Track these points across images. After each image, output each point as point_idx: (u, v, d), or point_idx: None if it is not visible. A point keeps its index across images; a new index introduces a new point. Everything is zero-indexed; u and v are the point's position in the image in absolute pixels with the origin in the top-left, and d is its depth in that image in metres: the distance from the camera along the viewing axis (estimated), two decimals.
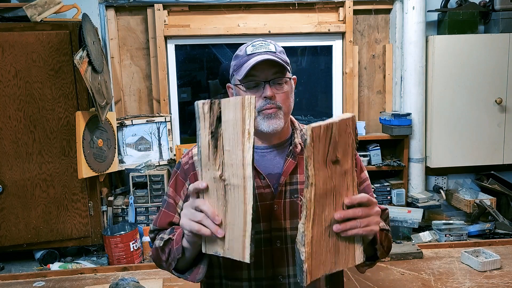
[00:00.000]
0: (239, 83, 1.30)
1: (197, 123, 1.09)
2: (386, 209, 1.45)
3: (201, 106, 1.08)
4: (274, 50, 1.30)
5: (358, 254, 1.19)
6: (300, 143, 1.36)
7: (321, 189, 1.06)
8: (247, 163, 1.05)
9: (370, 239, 1.21)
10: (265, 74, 1.28)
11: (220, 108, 1.07)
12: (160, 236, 1.35)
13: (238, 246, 1.08)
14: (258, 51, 1.29)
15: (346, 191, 1.12)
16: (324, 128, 1.02)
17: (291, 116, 1.42)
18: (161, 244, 1.30)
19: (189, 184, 1.36)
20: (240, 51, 1.34)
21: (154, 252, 1.35)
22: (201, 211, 1.10)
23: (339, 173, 1.10)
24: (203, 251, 1.15)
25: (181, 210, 1.36)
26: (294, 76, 1.40)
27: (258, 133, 1.32)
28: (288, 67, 1.32)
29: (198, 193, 1.12)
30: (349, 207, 1.10)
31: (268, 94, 1.27)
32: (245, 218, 1.06)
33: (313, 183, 1.04)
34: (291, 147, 1.35)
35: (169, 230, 1.34)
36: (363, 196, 1.11)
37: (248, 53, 1.30)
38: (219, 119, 1.07)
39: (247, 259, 1.07)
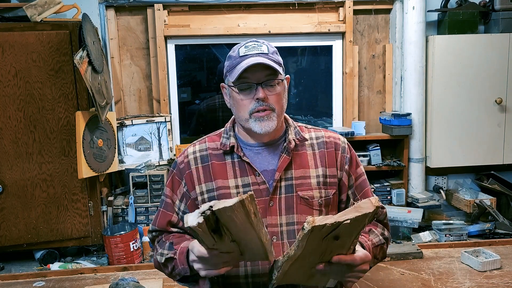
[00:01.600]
0: (233, 84, 1.32)
1: (196, 236, 1.08)
2: (384, 208, 1.47)
3: (196, 225, 1.01)
4: (267, 52, 1.31)
5: (331, 283, 1.25)
6: (294, 139, 1.38)
7: (308, 253, 1.09)
8: (260, 230, 1.08)
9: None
10: (257, 76, 1.29)
11: (215, 215, 1.02)
12: (160, 250, 1.38)
13: (259, 254, 1.16)
14: (250, 52, 1.30)
15: (340, 250, 1.13)
16: (329, 226, 1.02)
17: (285, 114, 1.44)
18: (162, 261, 1.34)
19: (185, 183, 1.38)
20: (233, 52, 1.35)
21: (156, 263, 1.40)
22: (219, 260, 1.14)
23: (335, 244, 1.10)
24: None
25: (178, 209, 1.41)
26: (287, 76, 1.41)
27: (251, 132, 1.34)
28: (281, 68, 1.33)
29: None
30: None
31: (260, 96, 1.29)
32: (259, 237, 1.10)
33: (297, 250, 1.07)
34: (285, 144, 1.37)
35: (167, 245, 1.37)
36: (354, 260, 1.15)
37: (241, 54, 1.31)
38: (217, 220, 1.04)
39: (271, 260, 1.17)
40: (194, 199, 1.38)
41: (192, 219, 1.01)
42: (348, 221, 1.02)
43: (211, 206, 1.00)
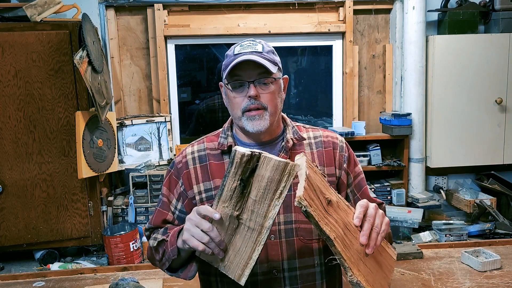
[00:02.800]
0: (227, 82, 1.33)
1: (229, 166, 1.12)
2: (382, 203, 1.48)
3: (240, 156, 1.09)
4: (261, 50, 1.32)
5: (392, 252, 1.27)
6: (292, 139, 1.38)
7: (339, 235, 1.11)
8: (270, 217, 1.12)
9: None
10: (249, 74, 1.29)
11: (257, 162, 1.10)
12: (154, 235, 1.38)
13: (236, 269, 1.15)
14: (244, 51, 1.31)
15: (349, 214, 1.18)
16: (307, 187, 1.08)
17: (283, 114, 1.44)
18: (154, 244, 1.34)
19: (182, 183, 1.38)
20: (230, 51, 1.36)
21: (149, 251, 1.40)
22: (207, 234, 1.14)
23: (336, 209, 1.15)
24: (197, 255, 1.20)
25: (175, 208, 1.41)
26: (285, 76, 1.41)
27: (245, 131, 1.36)
28: (275, 67, 1.33)
29: (207, 217, 1.16)
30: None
31: (251, 94, 1.29)
32: (251, 254, 1.13)
33: (335, 237, 1.09)
34: (283, 143, 1.37)
35: (162, 230, 1.38)
36: (361, 209, 1.16)
37: (235, 53, 1.32)
38: (253, 170, 1.11)
39: (241, 282, 1.15)
40: (191, 198, 1.39)
41: (243, 149, 1.09)
42: (306, 170, 1.10)
43: (260, 152, 1.09)
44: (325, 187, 1.18)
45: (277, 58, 1.37)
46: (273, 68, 1.30)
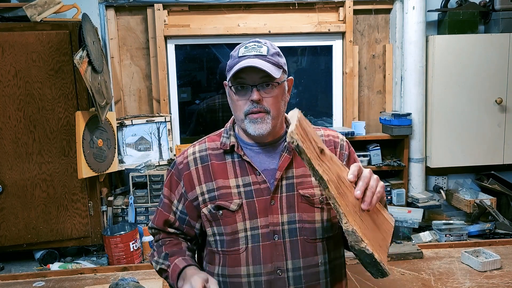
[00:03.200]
0: (231, 84, 1.33)
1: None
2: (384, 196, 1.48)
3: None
4: (265, 53, 1.31)
5: (389, 217, 1.26)
6: None
7: (333, 180, 1.09)
8: None
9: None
10: (252, 78, 1.29)
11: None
12: (155, 258, 1.44)
13: None
14: (249, 53, 1.31)
15: (342, 171, 1.18)
16: (298, 126, 1.08)
17: (285, 115, 1.44)
18: (157, 269, 1.43)
19: (183, 185, 1.39)
20: (235, 51, 1.36)
21: (152, 264, 1.46)
22: None
23: (329, 160, 1.15)
24: None
25: (176, 209, 1.43)
26: (291, 78, 1.41)
27: (247, 133, 1.36)
28: (280, 71, 1.32)
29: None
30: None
31: (254, 98, 1.29)
32: None
33: (328, 179, 1.07)
34: (285, 143, 1.37)
35: (163, 255, 1.42)
36: (355, 167, 1.17)
37: (240, 55, 1.32)
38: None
39: None
40: (192, 200, 1.39)
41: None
42: (297, 115, 1.13)
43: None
44: (318, 140, 1.18)
45: (283, 60, 1.36)
46: (276, 72, 1.29)
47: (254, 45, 1.33)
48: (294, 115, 1.12)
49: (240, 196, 1.33)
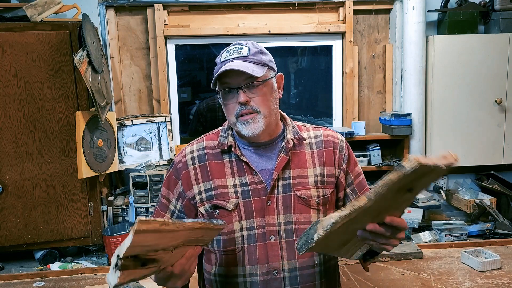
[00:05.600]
0: (217, 90, 1.34)
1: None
2: None
3: (120, 282, 0.98)
4: (246, 54, 1.31)
5: (358, 254, 1.23)
6: (292, 139, 1.38)
7: (374, 206, 1.04)
8: None
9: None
10: (237, 80, 1.29)
11: (132, 256, 0.99)
12: None
13: None
14: (229, 57, 1.31)
15: (394, 211, 1.12)
16: (428, 166, 0.96)
17: (283, 114, 1.44)
18: None
19: (181, 184, 1.39)
20: (218, 57, 1.36)
21: None
22: None
23: (402, 199, 1.08)
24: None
25: (175, 207, 1.43)
26: (279, 74, 1.41)
27: (241, 135, 1.36)
28: (264, 68, 1.31)
29: None
30: (384, 224, 1.11)
31: (241, 100, 1.29)
32: None
33: (371, 199, 1.02)
34: (283, 143, 1.37)
35: None
36: (402, 222, 1.12)
37: (222, 60, 1.32)
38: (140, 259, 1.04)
39: None
40: (190, 199, 1.39)
41: (111, 278, 0.98)
42: (444, 168, 0.98)
43: (118, 255, 0.97)
44: (422, 187, 1.09)
45: (267, 58, 1.35)
46: (259, 71, 1.29)
47: (235, 47, 1.34)
48: (451, 159, 1.00)
49: (237, 196, 1.33)
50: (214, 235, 1.28)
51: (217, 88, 1.35)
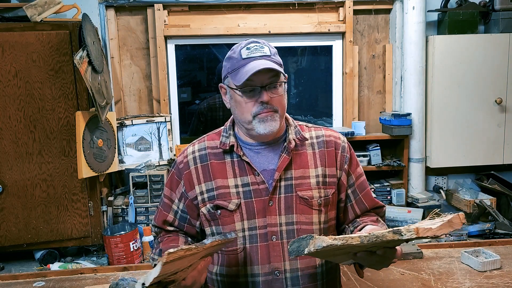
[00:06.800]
0: (235, 87, 1.30)
1: None
2: (384, 206, 1.49)
3: None
4: (269, 53, 1.31)
5: (349, 261, 1.27)
6: (294, 139, 1.38)
7: (366, 245, 1.10)
8: None
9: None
10: (261, 79, 1.28)
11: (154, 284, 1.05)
12: (151, 255, 1.45)
13: None
14: (253, 55, 1.29)
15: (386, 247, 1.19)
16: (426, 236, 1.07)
17: (286, 114, 1.44)
18: (152, 265, 1.40)
19: (183, 184, 1.39)
20: (234, 53, 1.33)
21: (150, 262, 1.47)
22: None
23: (394, 244, 1.16)
24: None
25: (177, 207, 1.44)
26: (285, 75, 1.42)
27: (253, 133, 1.34)
28: (282, 69, 1.33)
29: None
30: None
31: (264, 99, 1.28)
32: None
33: (363, 242, 1.08)
34: (285, 144, 1.37)
35: (158, 251, 1.42)
36: (395, 253, 1.22)
37: (244, 56, 1.30)
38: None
39: None
40: (192, 199, 1.39)
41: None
42: (444, 236, 1.11)
43: (143, 283, 1.03)
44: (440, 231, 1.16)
45: (280, 59, 1.37)
46: (282, 72, 1.31)
47: (256, 45, 1.32)
48: (461, 218, 1.12)
49: (238, 196, 1.33)
50: (224, 246, 1.31)
51: (233, 85, 1.32)
